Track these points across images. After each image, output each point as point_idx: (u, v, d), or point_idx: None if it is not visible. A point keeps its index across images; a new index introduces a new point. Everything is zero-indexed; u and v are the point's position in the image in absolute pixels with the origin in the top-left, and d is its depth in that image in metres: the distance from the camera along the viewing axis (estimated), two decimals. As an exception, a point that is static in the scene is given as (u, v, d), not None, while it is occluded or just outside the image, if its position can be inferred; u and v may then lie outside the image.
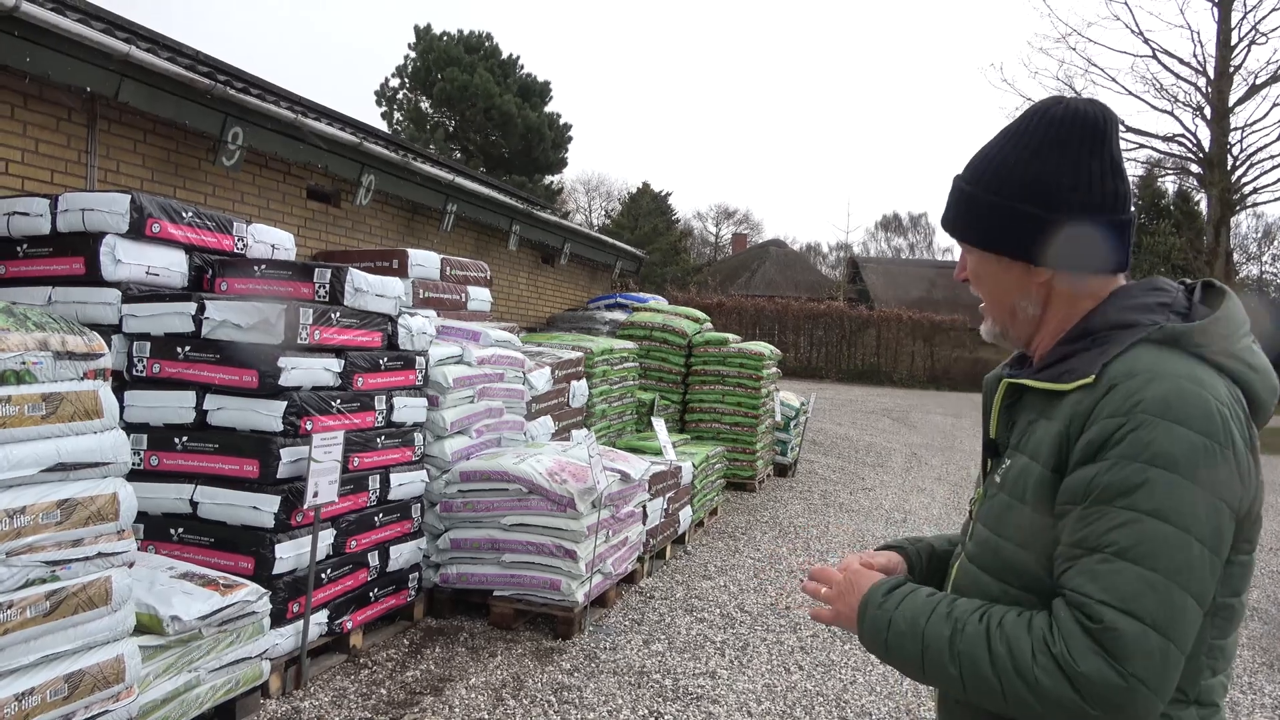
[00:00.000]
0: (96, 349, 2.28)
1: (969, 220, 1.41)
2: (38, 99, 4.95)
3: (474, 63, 23.90)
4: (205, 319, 4.27)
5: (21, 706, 2.07)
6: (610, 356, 8.43)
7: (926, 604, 1.30)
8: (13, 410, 2.05)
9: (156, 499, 4.32)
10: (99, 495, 2.24)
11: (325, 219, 7.38)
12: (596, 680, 4.66)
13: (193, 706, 3.60)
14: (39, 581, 2.11)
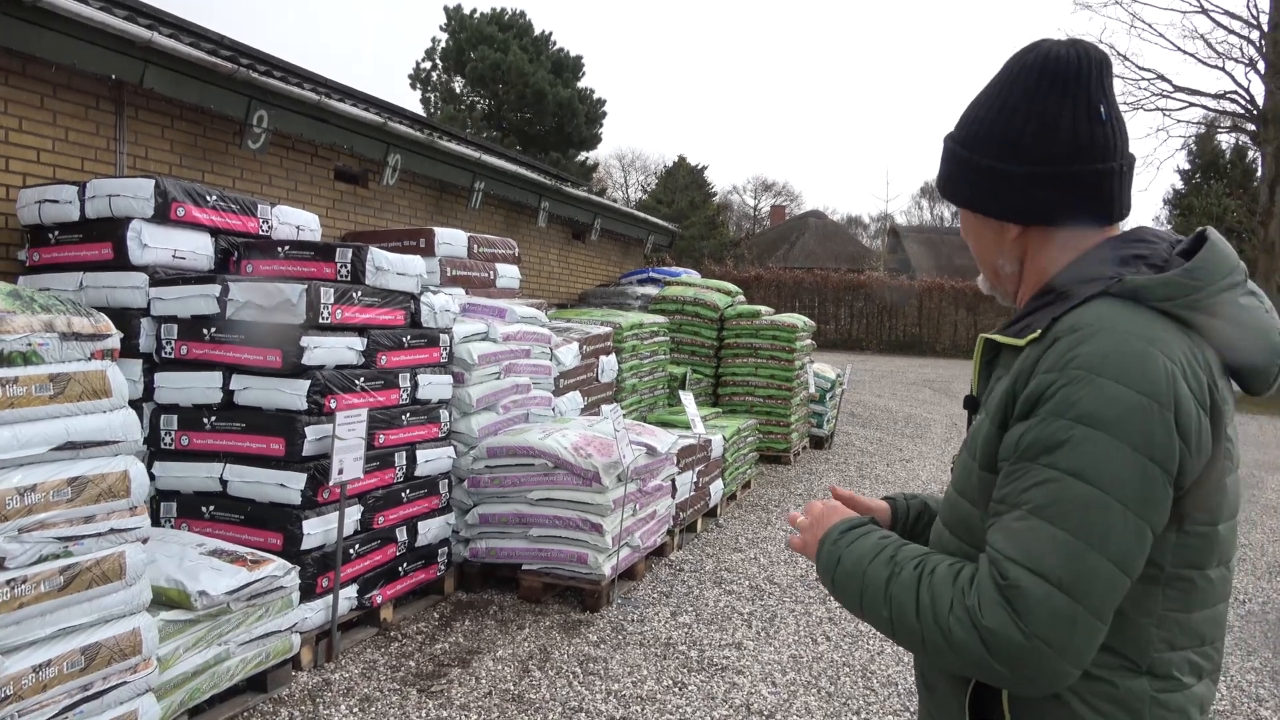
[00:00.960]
0: (103, 330, 2.32)
1: (948, 179, 1.39)
2: (66, 88, 5.04)
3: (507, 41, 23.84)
4: (229, 300, 4.33)
5: (39, 678, 2.14)
6: (640, 331, 8.42)
7: (874, 546, 1.30)
8: (20, 391, 2.10)
9: (188, 477, 4.43)
10: (110, 473, 2.30)
11: (353, 199, 7.44)
12: (622, 651, 4.69)
13: (224, 678, 3.70)
14: (52, 557, 2.18)
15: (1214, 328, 1.21)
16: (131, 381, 4.44)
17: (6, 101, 4.74)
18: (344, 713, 3.89)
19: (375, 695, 4.07)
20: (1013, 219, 1.32)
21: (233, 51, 5.96)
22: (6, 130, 4.76)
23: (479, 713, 3.95)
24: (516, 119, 24.68)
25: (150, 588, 2.47)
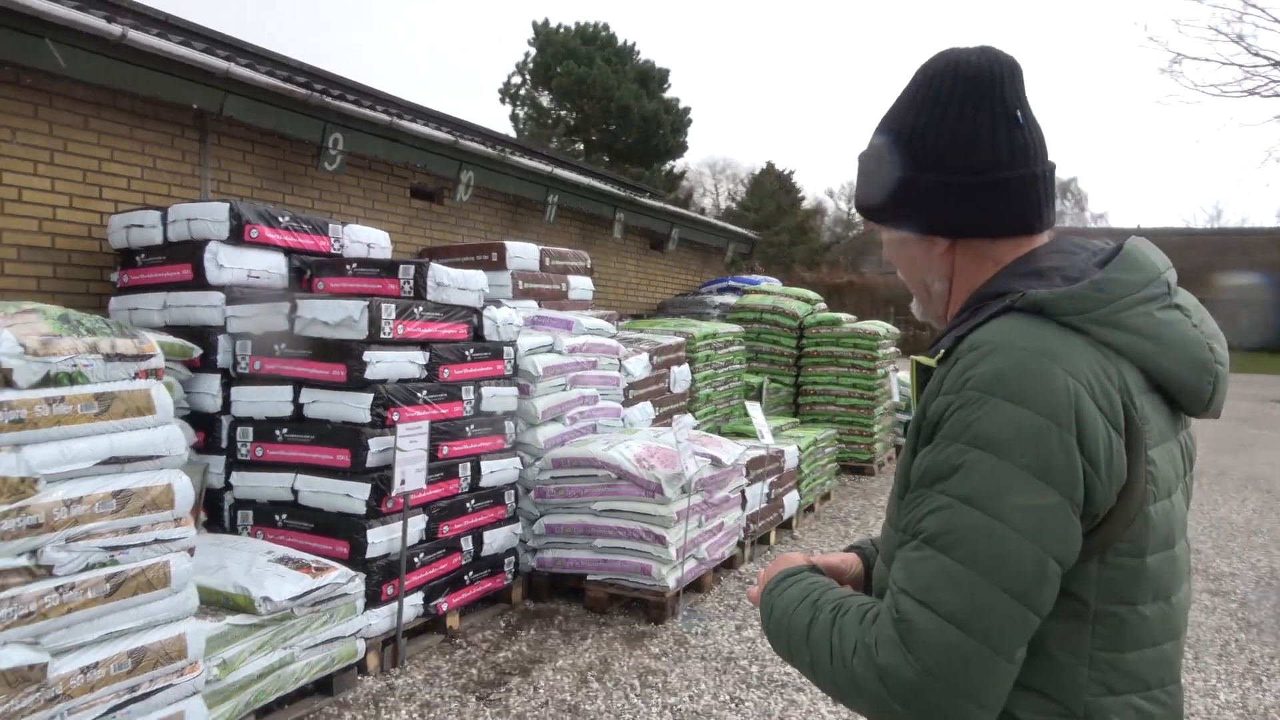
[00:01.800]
0: (147, 351, 2.45)
1: (865, 194, 1.31)
2: (153, 118, 5.34)
3: (591, 54, 24.17)
4: (297, 317, 4.50)
5: (87, 679, 2.27)
6: (714, 340, 8.37)
7: (800, 592, 1.26)
8: (66, 409, 2.23)
9: (262, 487, 4.61)
10: (154, 486, 2.42)
11: (429, 216, 7.65)
12: (683, 665, 4.66)
13: (289, 681, 3.84)
14: (99, 565, 2.30)
15: (1127, 343, 1.11)
16: (210, 395, 4.70)
17: (99, 133, 5.06)
18: (404, 718, 3.98)
19: (436, 701, 4.15)
20: (939, 232, 1.25)
21: (308, 77, 6.21)
22: (99, 160, 5.07)
23: (534, 722, 3.98)
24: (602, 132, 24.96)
25: (197, 594, 2.59)
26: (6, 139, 4.63)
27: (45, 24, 4.31)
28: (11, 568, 2.11)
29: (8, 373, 2.13)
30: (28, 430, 2.16)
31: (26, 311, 2.31)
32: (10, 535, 2.10)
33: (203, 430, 4.72)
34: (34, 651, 2.15)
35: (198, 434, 4.67)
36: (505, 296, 6.53)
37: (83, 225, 4.99)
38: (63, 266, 4.92)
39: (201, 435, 4.71)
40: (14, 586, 2.12)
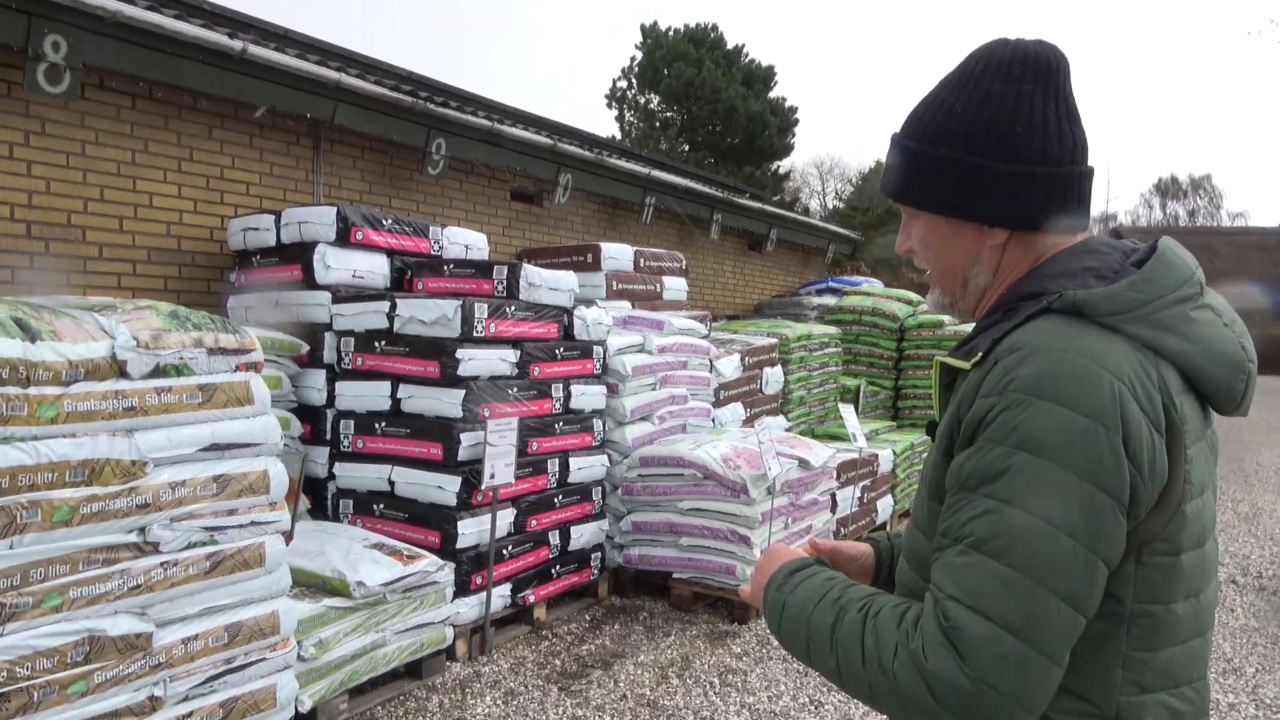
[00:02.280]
0: (247, 345, 2.64)
1: (913, 180, 1.26)
2: (271, 128, 5.68)
3: (700, 56, 24.20)
4: (396, 316, 4.71)
5: (187, 649, 2.46)
6: (808, 342, 8.30)
7: (818, 588, 1.22)
8: (173, 398, 2.43)
9: (362, 477, 4.84)
10: (251, 472, 2.60)
11: (528, 218, 7.85)
12: (764, 666, 4.66)
13: (381, 663, 4.03)
14: (200, 544, 2.49)
15: (1165, 343, 1.10)
16: (316, 389, 4.96)
17: (222, 143, 5.41)
18: (488, 704, 4.12)
19: (519, 690, 4.27)
20: (1002, 223, 1.21)
21: (413, 85, 6.47)
22: (221, 168, 5.42)
23: (613, 715, 4.06)
24: (709, 133, 24.95)
25: (289, 575, 2.77)
26: (140, 149, 5.01)
27: (177, 42, 4.64)
28: (122, 543, 2.32)
29: (122, 364, 2.35)
30: (139, 417, 2.36)
31: (141, 308, 2.52)
32: (122, 513, 2.31)
33: (309, 422, 4.99)
34: (141, 621, 2.36)
35: (304, 426, 4.94)
36: (599, 297, 6.65)
37: (205, 229, 5.35)
38: (187, 267, 5.29)
39: (308, 427, 4.98)
40: (124, 560, 2.33)
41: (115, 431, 2.32)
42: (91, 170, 4.79)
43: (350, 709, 3.92)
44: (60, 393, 2.21)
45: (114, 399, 2.31)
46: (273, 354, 4.70)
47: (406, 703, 4.09)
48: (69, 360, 2.24)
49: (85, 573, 2.25)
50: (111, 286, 4.91)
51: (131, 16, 4.38)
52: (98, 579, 2.26)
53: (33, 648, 2.14)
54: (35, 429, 2.16)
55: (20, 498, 2.12)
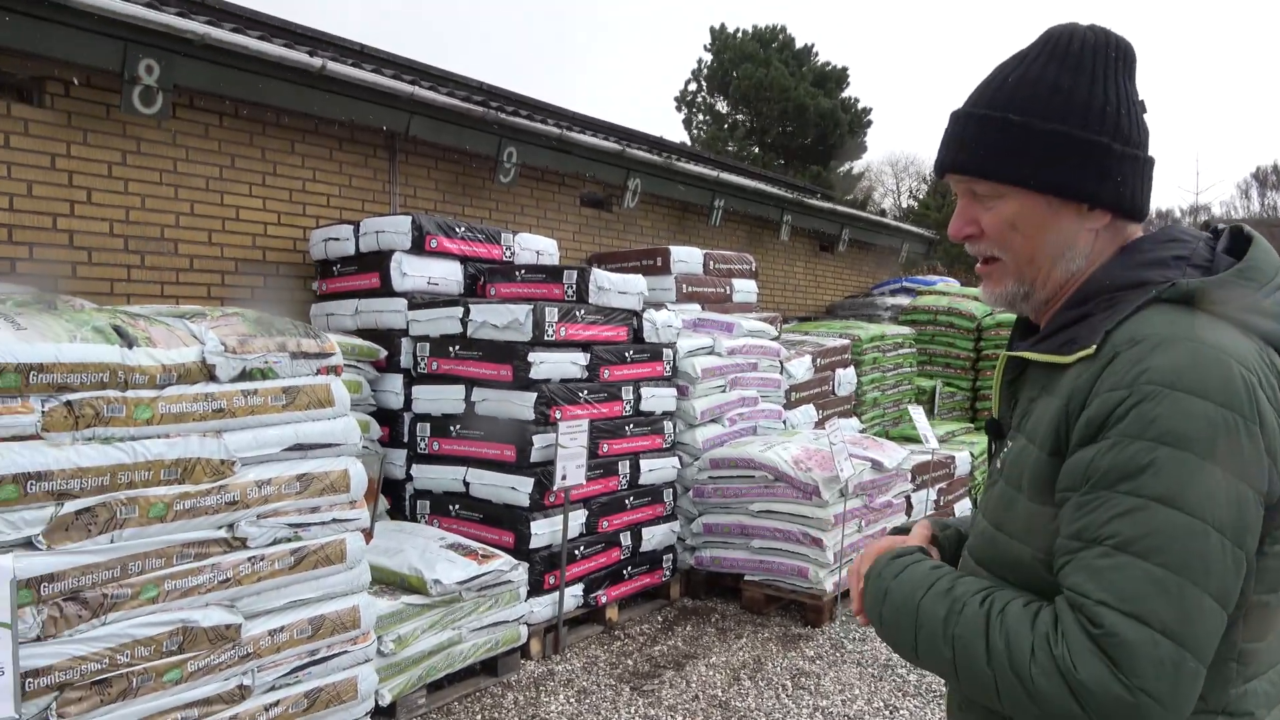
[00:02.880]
0: (328, 350, 2.74)
1: (1013, 155, 1.17)
2: (350, 141, 5.87)
3: (768, 57, 24.07)
4: (469, 321, 4.82)
5: (274, 640, 2.57)
6: (882, 343, 8.18)
7: (926, 577, 1.18)
8: (258, 400, 2.54)
9: (438, 479, 4.96)
10: (332, 471, 2.70)
11: (598, 223, 7.93)
12: (837, 669, 4.62)
13: (457, 660, 4.12)
14: (285, 540, 2.60)
15: (1271, 330, 1.06)
16: (394, 393, 5.11)
17: (303, 157, 5.61)
18: (562, 702, 4.18)
19: (592, 689, 4.32)
20: (1113, 206, 1.16)
21: (484, 95, 6.60)
22: (303, 180, 5.63)
23: (685, 715, 4.07)
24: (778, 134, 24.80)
25: (369, 571, 2.86)
26: (227, 165, 5.23)
27: (260, 61, 4.84)
28: (213, 539, 2.44)
29: (212, 368, 2.47)
30: (227, 418, 2.48)
31: (229, 315, 2.65)
32: (212, 510, 2.42)
33: (387, 425, 5.13)
34: (230, 613, 2.47)
35: (383, 429, 5.09)
36: (669, 300, 6.68)
37: (288, 239, 5.56)
38: (272, 277, 5.49)
39: (386, 430, 5.13)
40: (215, 555, 2.44)
41: (205, 432, 2.45)
42: (183, 186, 5.02)
43: (428, 704, 4.02)
44: (155, 395, 2.34)
45: (204, 401, 2.43)
46: (352, 359, 4.86)
47: (482, 699, 4.18)
48: (163, 365, 2.37)
49: (179, 566, 2.37)
50: (202, 296, 5.14)
51: (219, 39, 4.59)
52: (190, 572, 2.39)
53: (132, 636, 2.26)
54: (132, 429, 2.30)
55: (120, 494, 2.25)
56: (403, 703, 3.89)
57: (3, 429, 2.09)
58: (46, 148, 4.47)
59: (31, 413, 2.13)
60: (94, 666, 2.20)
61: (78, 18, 4.10)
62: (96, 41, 4.21)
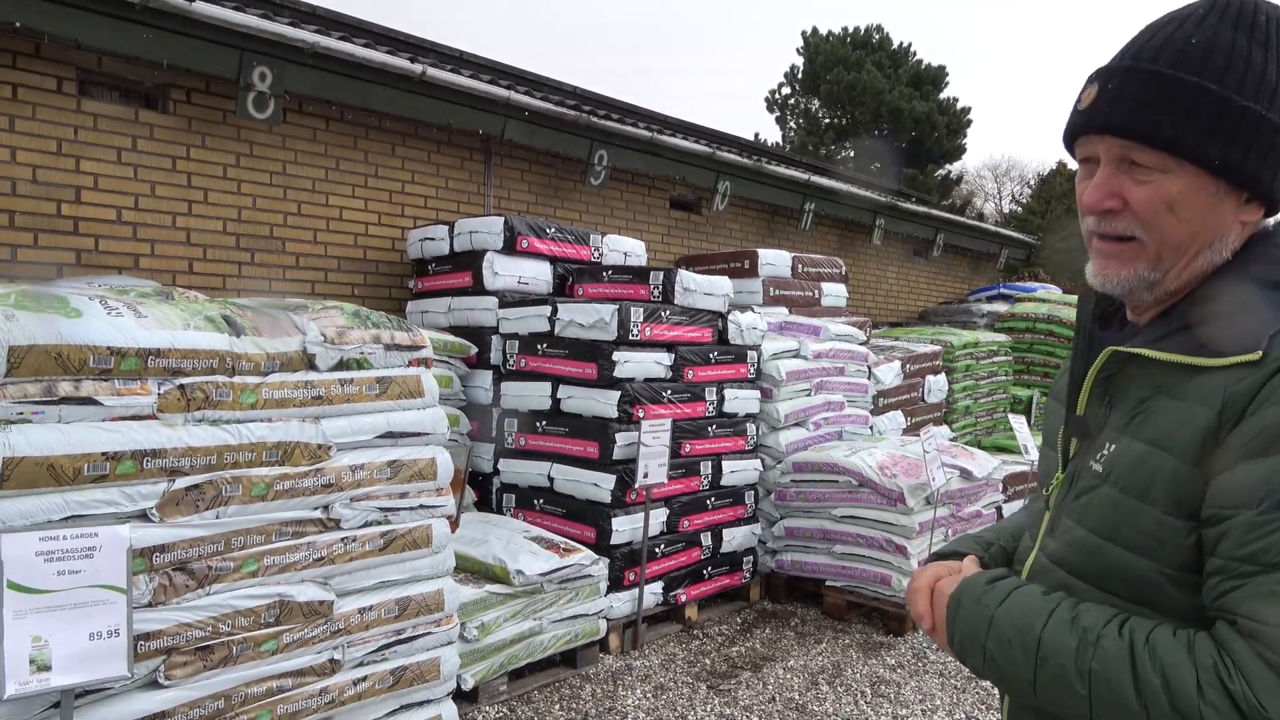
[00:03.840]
0: (419, 342, 2.86)
1: (1206, 130, 1.05)
2: (447, 144, 6.07)
3: (861, 59, 23.74)
4: (556, 320, 4.93)
5: (363, 618, 2.69)
6: (975, 350, 7.99)
7: (1041, 604, 1.07)
8: (354, 389, 2.68)
9: (524, 473, 5.08)
10: (420, 459, 2.82)
11: (687, 226, 7.97)
12: (919, 679, 4.54)
13: (538, 650, 4.22)
14: (375, 523, 2.73)
15: None
16: (483, 389, 5.25)
17: (403, 159, 5.83)
18: (638, 696, 4.23)
19: (669, 685, 4.36)
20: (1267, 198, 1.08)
21: (577, 99, 6.72)
22: (403, 183, 5.84)
23: (760, 716, 4.07)
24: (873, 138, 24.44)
25: (454, 556, 2.97)
26: (332, 167, 5.48)
27: (365, 68, 5.06)
28: (309, 519, 2.58)
29: (312, 357, 2.61)
30: (325, 405, 2.62)
31: (328, 308, 2.80)
32: (309, 491, 2.56)
33: (476, 420, 5.28)
34: (323, 590, 2.61)
35: (472, 423, 5.24)
36: (756, 303, 6.68)
37: (387, 239, 5.78)
38: (371, 275, 5.73)
39: (475, 424, 5.28)
40: (310, 534, 2.58)
41: (304, 418, 2.59)
42: (290, 187, 5.29)
43: (509, 691, 4.13)
44: (259, 382, 2.49)
45: (304, 388, 2.58)
46: (444, 355, 5.02)
47: (561, 689, 4.26)
48: (267, 353, 2.52)
49: (277, 543, 2.52)
50: (306, 293, 5.40)
51: (328, 47, 4.81)
52: (288, 549, 2.53)
53: (233, 607, 2.41)
54: (238, 413, 2.45)
55: (225, 473, 2.41)
56: (485, 688, 4.01)
57: (124, 409, 2.26)
58: (169, 151, 4.77)
59: (149, 395, 2.30)
60: (199, 633, 2.36)
61: (199, 29, 4.37)
62: (216, 51, 4.47)
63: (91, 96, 4.53)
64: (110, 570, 2.14)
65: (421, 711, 2.94)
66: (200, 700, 2.39)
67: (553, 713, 4.01)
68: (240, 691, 2.47)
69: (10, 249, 4.27)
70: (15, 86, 4.24)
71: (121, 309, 2.34)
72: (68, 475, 2.14)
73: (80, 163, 4.46)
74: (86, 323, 2.23)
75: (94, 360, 2.21)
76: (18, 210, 4.28)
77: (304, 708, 2.61)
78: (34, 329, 2.12)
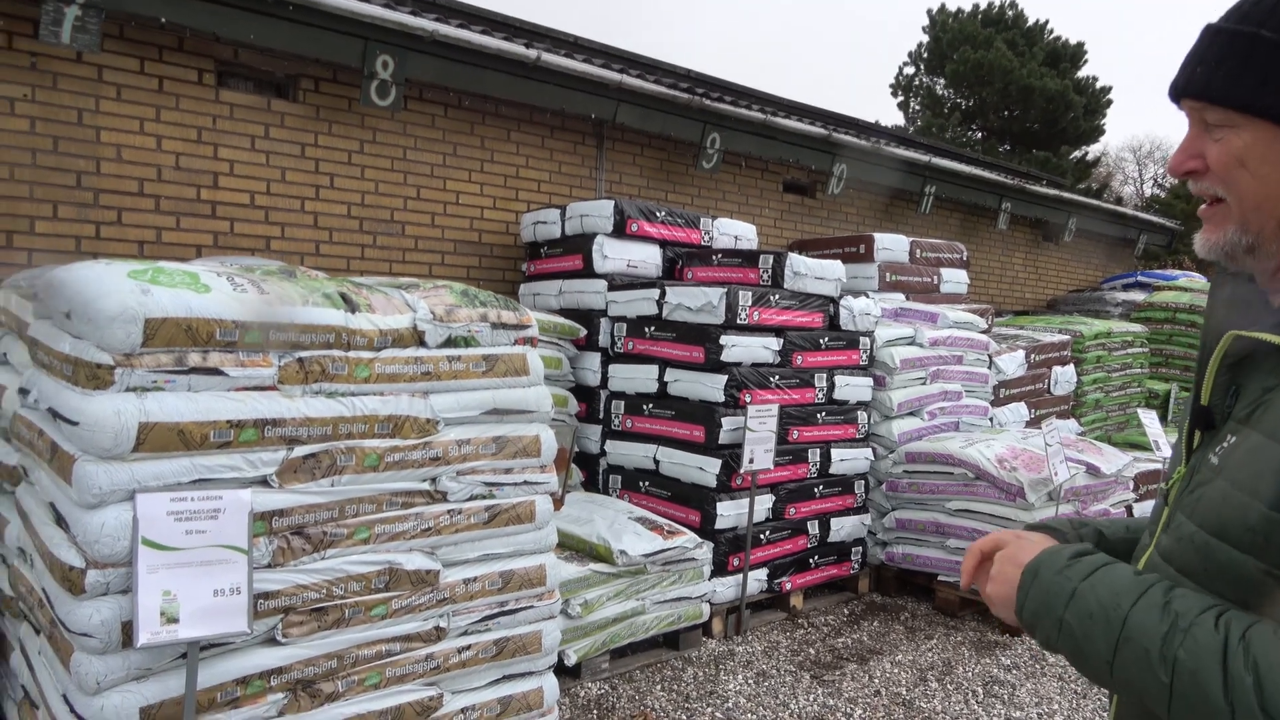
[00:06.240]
0: (525, 321, 2.91)
1: (1261, 79, 1.02)
2: (560, 129, 6.14)
3: (990, 37, 22.69)
4: (665, 303, 4.93)
5: (468, 589, 2.76)
6: (1108, 340, 7.56)
7: (1133, 584, 1.01)
8: (461, 366, 2.74)
9: (630, 455, 5.11)
10: (525, 435, 2.86)
11: (800, 209, 7.83)
12: (1035, 681, 4.35)
13: (640, 630, 4.25)
14: (480, 497, 2.79)
15: None
16: (591, 371, 5.31)
17: (518, 144, 5.93)
18: (740, 681, 4.20)
19: (771, 672, 4.32)
20: None
21: (690, 82, 6.68)
22: (517, 167, 5.95)
23: (865, 709, 3.99)
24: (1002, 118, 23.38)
25: (556, 532, 3.01)
26: (450, 153, 5.62)
27: (482, 54, 5.16)
28: (417, 490, 2.66)
29: (421, 334, 2.69)
30: (433, 381, 2.69)
31: (438, 286, 2.87)
32: (417, 464, 2.64)
33: (584, 402, 5.34)
34: (430, 560, 2.69)
35: (580, 405, 5.31)
36: (870, 288, 6.50)
37: (501, 223, 5.90)
38: (486, 258, 5.86)
39: (583, 406, 5.34)
40: (419, 505, 2.66)
41: (414, 393, 2.67)
42: (410, 173, 5.46)
43: (611, 669, 4.17)
44: (372, 357, 2.58)
45: (414, 364, 2.66)
46: (554, 337, 5.09)
47: (663, 670, 4.28)
48: (380, 329, 2.61)
49: (387, 513, 2.61)
50: (424, 276, 5.57)
51: (447, 35, 4.94)
52: (397, 519, 2.62)
53: (346, 572, 2.52)
54: (352, 386, 2.55)
55: (340, 444, 2.51)
56: (587, 664, 4.06)
57: (248, 379, 2.38)
58: (298, 138, 5.00)
59: (270, 367, 2.42)
60: (313, 595, 2.47)
61: (327, 20, 4.55)
62: (342, 41, 4.65)
63: (228, 87, 4.78)
64: (233, 531, 2.27)
65: (524, 683, 2.99)
66: (314, 659, 2.50)
67: (654, 692, 4.03)
68: (352, 653, 2.58)
69: (155, 231, 4.56)
70: (161, 79, 4.52)
71: (246, 285, 2.46)
72: (196, 441, 2.27)
73: (218, 150, 4.73)
74: (215, 298, 2.36)
75: (220, 333, 2.34)
76: (162, 195, 4.57)
77: (411, 672, 2.70)
78: (167, 303, 2.26)
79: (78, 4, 3.90)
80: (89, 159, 4.35)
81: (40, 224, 4.24)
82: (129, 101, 4.44)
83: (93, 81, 4.33)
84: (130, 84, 4.43)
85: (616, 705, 3.89)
